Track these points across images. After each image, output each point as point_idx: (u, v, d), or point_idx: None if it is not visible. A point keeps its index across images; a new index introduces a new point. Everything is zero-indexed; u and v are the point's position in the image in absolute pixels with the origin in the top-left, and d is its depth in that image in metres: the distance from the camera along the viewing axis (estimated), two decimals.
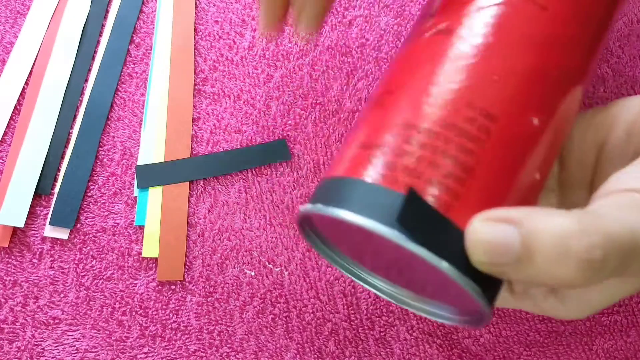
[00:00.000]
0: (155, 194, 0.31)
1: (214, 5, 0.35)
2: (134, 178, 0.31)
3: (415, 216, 0.17)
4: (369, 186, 0.18)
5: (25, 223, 0.30)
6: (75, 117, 0.33)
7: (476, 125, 0.18)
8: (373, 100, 0.20)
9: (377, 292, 0.23)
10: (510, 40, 0.19)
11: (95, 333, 0.29)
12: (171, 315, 0.29)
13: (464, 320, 0.21)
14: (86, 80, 0.33)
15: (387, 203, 0.17)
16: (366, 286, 0.23)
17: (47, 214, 0.31)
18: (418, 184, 0.17)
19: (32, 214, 0.31)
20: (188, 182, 0.31)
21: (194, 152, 0.32)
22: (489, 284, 0.17)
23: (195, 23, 0.34)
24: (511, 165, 0.18)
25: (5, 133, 0.32)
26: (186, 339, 0.29)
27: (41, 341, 0.29)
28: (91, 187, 0.31)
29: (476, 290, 0.17)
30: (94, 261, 0.30)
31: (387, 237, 0.17)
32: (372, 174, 0.18)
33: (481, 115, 0.18)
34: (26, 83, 0.33)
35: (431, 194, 0.17)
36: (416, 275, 0.20)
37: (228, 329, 0.29)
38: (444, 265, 0.16)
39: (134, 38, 0.34)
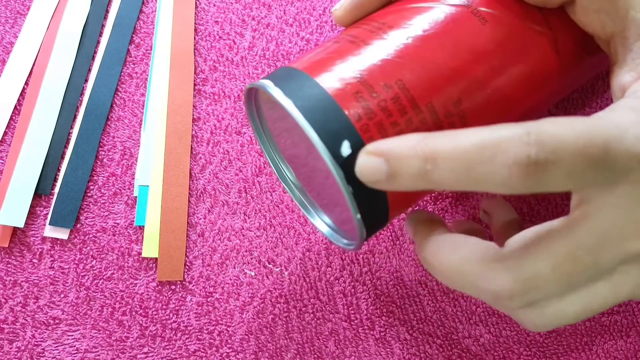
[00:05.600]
0: (155, 193, 0.31)
1: (214, 5, 0.35)
2: (134, 178, 0.31)
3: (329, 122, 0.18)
4: (312, 82, 0.19)
5: (25, 223, 0.30)
6: (75, 117, 0.33)
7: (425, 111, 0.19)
8: (365, 31, 0.21)
9: (289, 191, 0.26)
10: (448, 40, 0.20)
11: (95, 333, 0.29)
12: (171, 315, 0.29)
13: (346, 236, 0.23)
14: (86, 80, 0.33)
15: (326, 108, 0.18)
16: (281, 180, 0.26)
17: (47, 214, 0.31)
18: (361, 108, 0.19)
19: (32, 214, 0.31)
20: (188, 182, 0.31)
21: (194, 152, 0.32)
22: (366, 198, 0.19)
23: (195, 23, 0.34)
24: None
25: (5, 133, 0.32)
26: (186, 339, 0.29)
27: (41, 341, 0.29)
28: (91, 187, 0.31)
29: (348, 190, 0.18)
30: (94, 261, 0.30)
31: (297, 120, 0.18)
32: (325, 79, 0.19)
33: (454, 108, 0.19)
34: (26, 83, 0.33)
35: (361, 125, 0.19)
36: (323, 185, 0.22)
37: (228, 329, 0.29)
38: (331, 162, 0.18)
39: (134, 38, 0.34)
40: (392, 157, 0.17)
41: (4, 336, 0.29)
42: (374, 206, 0.19)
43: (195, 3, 0.35)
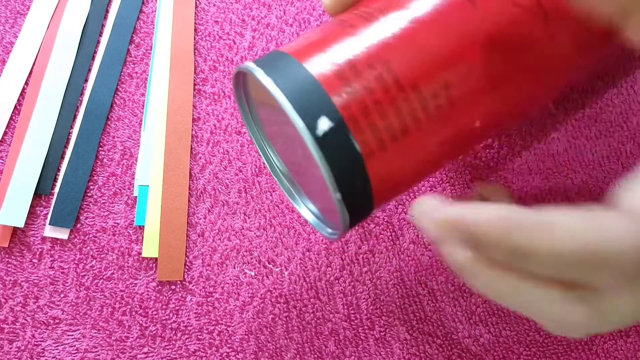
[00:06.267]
0: (155, 193, 0.31)
1: (214, 5, 0.35)
2: (134, 178, 0.31)
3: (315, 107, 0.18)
4: (295, 62, 0.19)
5: (25, 223, 0.30)
6: (75, 117, 0.33)
7: (434, 99, 0.19)
8: (355, 15, 0.21)
9: (276, 179, 0.26)
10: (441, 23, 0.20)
11: (95, 333, 0.29)
12: (171, 315, 0.29)
13: (330, 223, 0.23)
14: (86, 80, 0.33)
15: (306, 86, 0.18)
16: (269, 167, 0.26)
17: (47, 214, 0.31)
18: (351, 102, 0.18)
19: (32, 214, 0.31)
20: (188, 182, 0.31)
21: (194, 152, 0.32)
22: (352, 194, 0.19)
23: (195, 23, 0.34)
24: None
25: (5, 133, 0.32)
26: (186, 339, 0.29)
27: (41, 341, 0.29)
28: (91, 187, 0.31)
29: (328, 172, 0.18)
30: (94, 261, 0.30)
31: (283, 106, 0.18)
32: (308, 60, 0.19)
33: (442, 90, 0.19)
34: (26, 83, 0.33)
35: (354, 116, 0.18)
36: (307, 171, 0.22)
37: (228, 329, 0.29)
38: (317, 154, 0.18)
39: (134, 38, 0.34)
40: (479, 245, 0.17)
41: (4, 336, 0.29)
42: (354, 186, 0.19)
43: (195, 3, 0.35)
